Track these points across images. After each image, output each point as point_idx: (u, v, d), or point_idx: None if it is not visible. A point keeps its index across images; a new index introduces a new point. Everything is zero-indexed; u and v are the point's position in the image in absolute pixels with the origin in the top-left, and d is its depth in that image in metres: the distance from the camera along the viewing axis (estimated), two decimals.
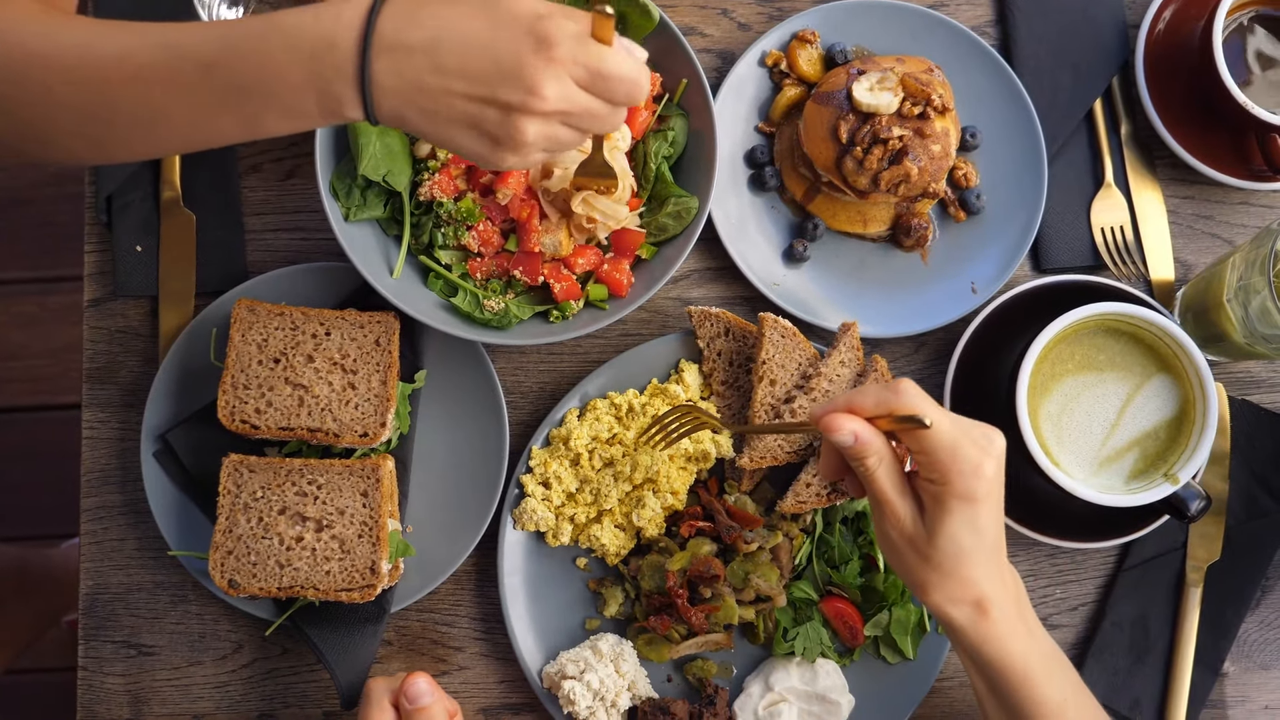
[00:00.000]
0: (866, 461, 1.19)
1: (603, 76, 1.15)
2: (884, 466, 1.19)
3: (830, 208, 1.55)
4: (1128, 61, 1.60)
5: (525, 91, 1.13)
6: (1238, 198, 1.61)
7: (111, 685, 1.51)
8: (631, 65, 1.17)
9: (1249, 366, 1.59)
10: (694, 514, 1.49)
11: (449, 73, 1.13)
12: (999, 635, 1.20)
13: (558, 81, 1.14)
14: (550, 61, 1.13)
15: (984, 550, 1.19)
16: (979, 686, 1.25)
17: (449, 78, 1.14)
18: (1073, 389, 1.46)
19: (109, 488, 1.53)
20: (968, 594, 1.19)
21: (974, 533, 1.18)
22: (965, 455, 1.16)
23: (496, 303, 1.47)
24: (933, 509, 1.18)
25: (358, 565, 1.40)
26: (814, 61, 1.57)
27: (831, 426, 1.18)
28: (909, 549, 1.20)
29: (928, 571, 1.19)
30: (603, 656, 1.45)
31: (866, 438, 1.18)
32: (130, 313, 1.56)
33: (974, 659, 1.22)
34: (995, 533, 1.20)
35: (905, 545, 1.20)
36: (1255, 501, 1.55)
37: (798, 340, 1.49)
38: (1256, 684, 1.55)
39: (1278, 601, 1.56)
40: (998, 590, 1.21)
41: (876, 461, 1.19)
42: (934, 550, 1.18)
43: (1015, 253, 1.54)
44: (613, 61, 1.16)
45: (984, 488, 1.17)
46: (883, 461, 1.19)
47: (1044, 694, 1.21)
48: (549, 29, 1.12)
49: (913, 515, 1.20)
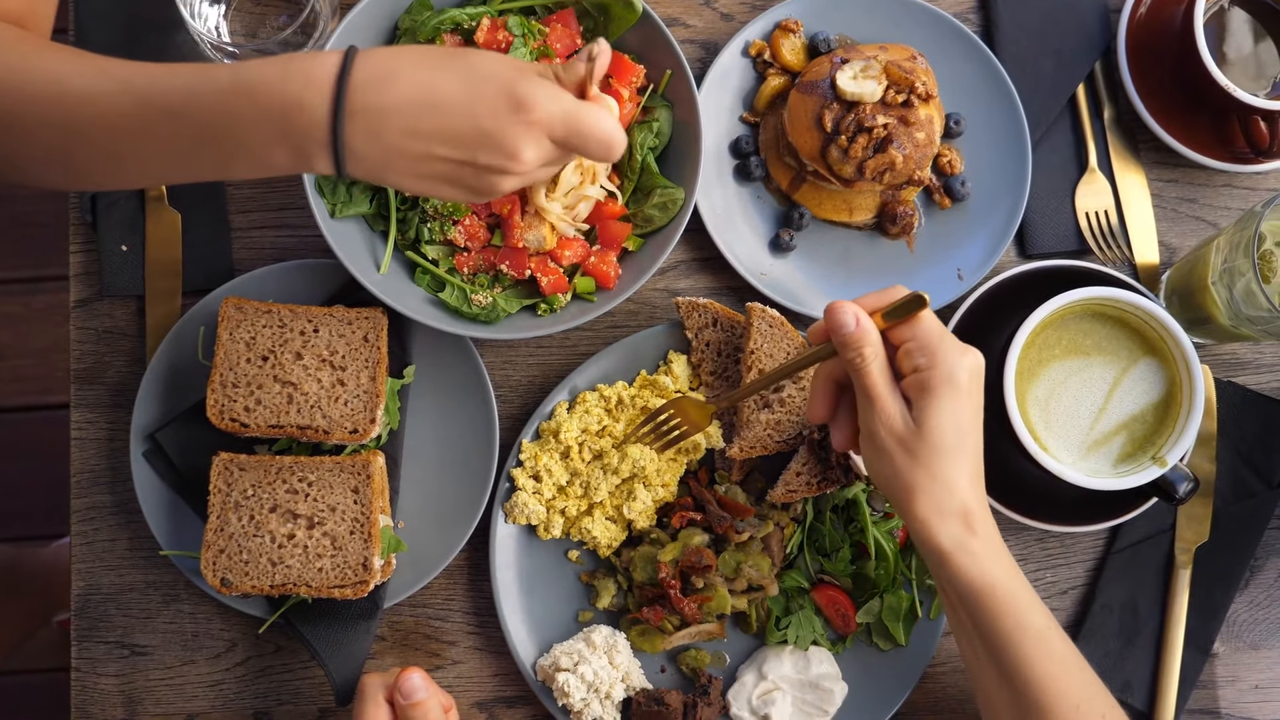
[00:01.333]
0: (864, 351, 1.21)
1: (580, 136, 1.16)
2: (878, 361, 1.22)
3: (816, 197, 1.55)
4: (1110, 46, 1.60)
5: (505, 156, 1.14)
6: (1221, 180, 1.61)
7: (105, 686, 1.51)
8: (607, 125, 1.18)
9: (1235, 348, 1.59)
10: (685, 505, 1.49)
11: (426, 137, 1.13)
12: (985, 554, 1.21)
13: (536, 145, 1.15)
14: (529, 125, 1.13)
15: (966, 456, 1.21)
16: (961, 620, 1.24)
17: (426, 142, 1.13)
18: (1060, 374, 1.46)
19: (99, 488, 1.53)
20: (954, 502, 1.21)
21: (957, 431, 1.20)
22: (951, 342, 1.22)
23: (484, 297, 1.47)
24: (920, 400, 1.21)
25: (350, 562, 1.40)
26: (797, 51, 1.57)
27: (837, 311, 1.22)
28: (898, 448, 1.21)
29: (916, 472, 1.20)
30: (596, 648, 1.46)
31: (867, 325, 1.22)
32: (117, 312, 1.55)
33: (958, 585, 1.21)
34: (976, 443, 1.23)
35: (894, 444, 1.21)
36: (1243, 483, 1.56)
37: (785, 329, 1.49)
38: (1246, 664, 1.56)
39: (1266, 581, 1.57)
40: (982, 506, 1.23)
41: (872, 353, 1.22)
42: (922, 444, 1.20)
43: (1000, 239, 1.55)
44: (589, 122, 1.16)
45: (965, 379, 1.21)
46: (877, 355, 1.22)
47: (1030, 619, 1.20)
48: (526, 92, 1.13)
49: (902, 411, 1.22)
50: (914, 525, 1.22)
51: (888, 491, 1.25)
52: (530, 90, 1.13)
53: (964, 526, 1.21)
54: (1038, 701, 1.20)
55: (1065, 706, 1.20)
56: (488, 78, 1.13)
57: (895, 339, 1.24)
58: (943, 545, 1.21)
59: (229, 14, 1.56)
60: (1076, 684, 1.21)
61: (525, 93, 1.12)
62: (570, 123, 1.15)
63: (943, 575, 1.22)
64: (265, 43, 1.51)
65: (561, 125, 1.15)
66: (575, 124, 1.15)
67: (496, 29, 1.46)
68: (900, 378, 1.25)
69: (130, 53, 1.52)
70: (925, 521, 1.21)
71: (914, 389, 1.22)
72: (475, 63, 1.14)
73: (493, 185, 1.18)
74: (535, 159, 1.15)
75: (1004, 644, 1.20)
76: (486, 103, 1.12)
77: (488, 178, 1.17)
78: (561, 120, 1.15)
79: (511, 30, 1.46)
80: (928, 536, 1.21)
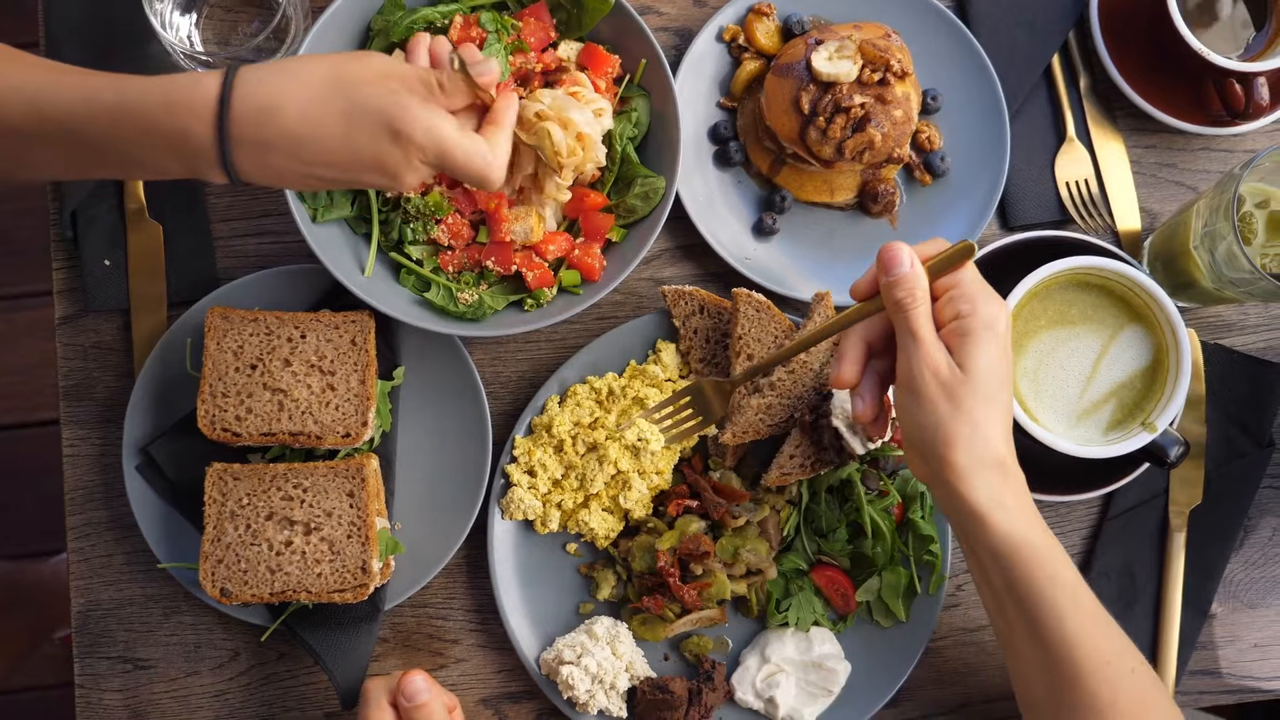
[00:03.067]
0: (916, 292, 1.19)
1: (449, 166, 1.22)
2: (926, 304, 1.20)
3: (797, 179, 1.56)
4: (1083, 15, 1.60)
5: (387, 178, 1.22)
6: (1199, 144, 1.62)
7: (110, 701, 1.51)
8: (477, 157, 1.23)
9: (1220, 311, 1.60)
10: (680, 493, 1.49)
11: (312, 163, 1.18)
12: (1019, 509, 1.19)
13: (414, 171, 1.22)
14: (406, 153, 1.20)
15: (1002, 405, 1.19)
16: (992, 579, 1.21)
17: (312, 167, 1.19)
18: (1047, 344, 1.47)
19: (93, 504, 1.53)
20: (990, 452, 1.18)
21: (998, 377, 1.18)
22: (990, 291, 1.21)
23: (470, 295, 1.47)
24: (963, 346, 1.19)
25: (348, 565, 1.40)
26: (772, 34, 1.57)
27: (892, 250, 1.20)
28: (940, 394, 1.18)
29: (957, 420, 1.17)
30: (599, 639, 1.46)
31: (919, 268, 1.20)
32: (103, 327, 1.55)
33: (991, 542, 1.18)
34: (1010, 394, 1.21)
35: (937, 390, 1.18)
36: (1232, 443, 1.57)
37: (772, 313, 1.50)
38: (1245, 623, 1.57)
39: (1261, 541, 1.58)
40: (1013, 459, 1.21)
41: (923, 295, 1.19)
42: (965, 388, 1.17)
43: (982, 212, 1.55)
44: (459, 154, 1.21)
45: (1004, 326, 1.20)
46: (926, 298, 1.20)
47: (1063, 574, 1.19)
48: (403, 125, 1.18)
49: (947, 356, 1.19)
50: (950, 476, 1.18)
51: (923, 443, 1.20)
52: (407, 126, 1.18)
53: (1001, 478, 1.19)
54: (1070, 657, 1.18)
55: (1096, 661, 1.19)
56: (368, 111, 1.17)
57: (936, 290, 1.22)
58: (979, 500, 1.17)
59: (200, 22, 1.55)
60: (1105, 638, 1.20)
61: (402, 126, 1.17)
62: (441, 157, 1.21)
63: (975, 533, 1.19)
64: (238, 49, 1.51)
65: (434, 158, 1.21)
66: (445, 160, 1.21)
67: (470, 25, 1.46)
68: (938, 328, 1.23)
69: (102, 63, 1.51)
70: (964, 473, 1.17)
71: (955, 336, 1.20)
72: (355, 93, 1.17)
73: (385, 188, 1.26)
74: (415, 180, 1.23)
75: (1037, 600, 1.18)
76: (365, 136, 1.17)
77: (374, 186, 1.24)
78: (434, 154, 1.21)
79: (485, 26, 1.46)
80: (964, 491, 1.18)
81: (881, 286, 1.21)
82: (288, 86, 1.16)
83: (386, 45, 1.49)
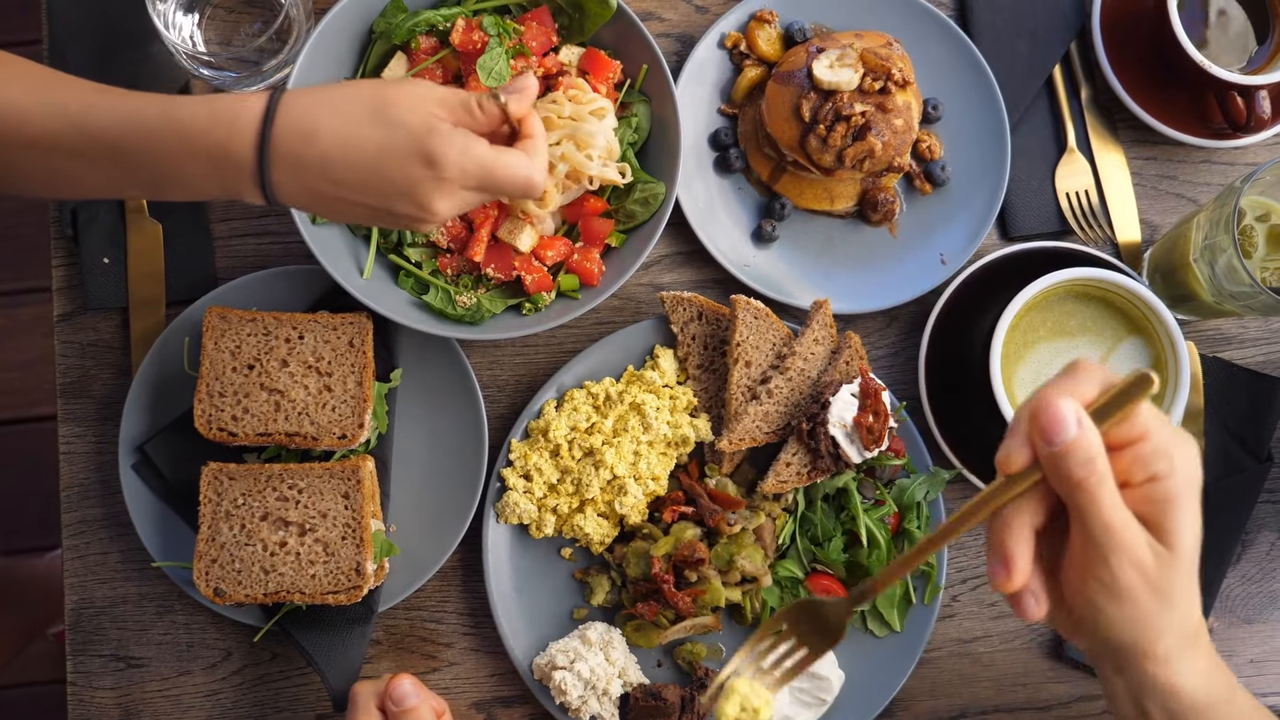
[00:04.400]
0: (1097, 465, 0.91)
1: (492, 184, 1.20)
2: (1110, 482, 0.92)
3: (797, 186, 1.55)
4: (1084, 26, 1.60)
5: (418, 207, 1.19)
6: (1199, 156, 1.62)
7: (102, 699, 1.51)
8: (519, 170, 1.20)
9: (1219, 324, 1.60)
10: (676, 499, 1.49)
11: (345, 185, 1.17)
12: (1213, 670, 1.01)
13: (449, 199, 1.19)
14: (440, 181, 1.17)
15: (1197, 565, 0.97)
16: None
17: (345, 189, 1.17)
18: (1046, 355, 1.47)
19: (89, 502, 1.52)
20: (1192, 623, 0.98)
21: (1198, 539, 0.96)
22: (1180, 433, 0.96)
23: (468, 298, 1.47)
24: (1166, 514, 0.94)
25: (342, 567, 1.40)
26: (773, 41, 1.57)
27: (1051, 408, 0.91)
28: (1145, 590, 0.94)
29: (1163, 611, 0.95)
30: (592, 645, 1.46)
31: (1091, 427, 0.91)
32: (101, 325, 1.55)
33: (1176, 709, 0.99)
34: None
35: (1141, 586, 0.94)
36: (1231, 457, 1.56)
37: (770, 321, 1.49)
38: (1241, 638, 1.57)
39: (1258, 556, 1.57)
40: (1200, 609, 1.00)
41: (1106, 468, 0.92)
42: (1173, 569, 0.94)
43: (982, 222, 1.55)
44: (500, 176, 1.19)
45: (1200, 469, 0.96)
46: (1109, 474, 0.92)
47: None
48: (437, 148, 1.16)
49: (1147, 538, 0.94)
50: (1149, 666, 0.98)
51: (1114, 639, 0.98)
52: (441, 148, 1.16)
53: (1205, 652, 1.00)
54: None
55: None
56: (403, 136, 1.16)
57: (1110, 440, 0.93)
58: (1182, 685, 0.98)
59: (203, 23, 1.55)
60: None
61: (436, 150, 1.16)
62: (483, 177, 1.19)
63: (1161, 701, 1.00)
64: (240, 50, 1.51)
65: (475, 179, 1.19)
66: (488, 178, 1.19)
67: (471, 29, 1.46)
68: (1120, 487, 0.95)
69: (105, 64, 1.53)
70: (1167, 659, 0.97)
71: (1153, 503, 0.94)
72: (392, 115, 1.16)
73: (414, 227, 1.23)
74: (449, 209, 1.20)
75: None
76: (398, 161, 1.16)
77: (407, 222, 1.22)
78: (475, 175, 1.18)
79: (486, 30, 1.46)
80: (1167, 677, 0.98)
81: (1043, 458, 0.93)
82: (328, 111, 1.16)
83: (388, 48, 1.49)
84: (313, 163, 1.15)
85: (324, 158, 1.15)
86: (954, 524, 0.98)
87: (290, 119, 1.15)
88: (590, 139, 1.44)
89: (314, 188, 1.17)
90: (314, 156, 1.15)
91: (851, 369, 1.50)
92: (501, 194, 1.22)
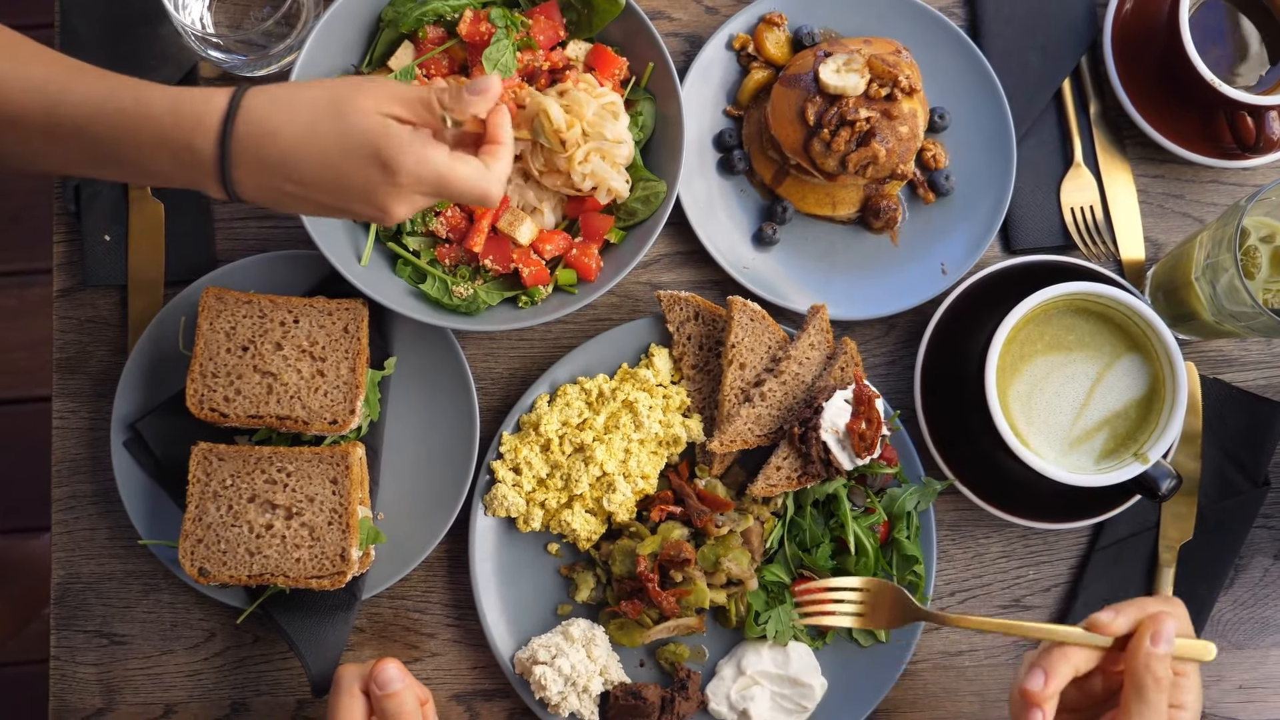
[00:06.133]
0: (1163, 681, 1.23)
1: (448, 191, 1.20)
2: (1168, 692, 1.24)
3: (799, 190, 1.55)
4: (1096, 41, 1.59)
5: (375, 209, 1.20)
6: (1208, 176, 1.61)
7: (84, 675, 1.51)
8: (475, 181, 1.20)
9: (1221, 345, 1.58)
10: (665, 498, 1.49)
11: (306, 185, 1.18)
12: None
13: (404, 203, 1.20)
14: (395, 186, 1.18)
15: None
16: None
17: (306, 189, 1.18)
18: (1042, 369, 1.46)
19: (79, 477, 1.53)
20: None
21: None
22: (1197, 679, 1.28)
23: (465, 289, 1.47)
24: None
25: (327, 552, 1.40)
26: (781, 44, 1.57)
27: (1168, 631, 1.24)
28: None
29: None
30: (574, 641, 1.45)
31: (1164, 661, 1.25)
32: (100, 302, 1.55)
33: None
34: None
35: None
36: (1227, 480, 1.55)
37: (767, 323, 1.49)
38: (1231, 664, 1.55)
39: (1252, 581, 1.56)
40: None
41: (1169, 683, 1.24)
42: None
43: (985, 233, 1.54)
44: (455, 180, 1.20)
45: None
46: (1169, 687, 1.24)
47: None
48: (393, 156, 1.16)
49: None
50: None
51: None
52: (396, 156, 1.16)
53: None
54: None
55: None
56: (358, 141, 1.16)
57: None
58: None
59: (213, 5, 1.56)
60: None
61: (391, 159, 1.16)
62: (438, 184, 1.19)
63: None
64: (249, 34, 1.51)
65: (430, 186, 1.20)
66: (442, 186, 1.20)
67: (479, 21, 1.46)
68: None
69: (115, 45, 1.54)
70: None
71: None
72: (351, 119, 1.17)
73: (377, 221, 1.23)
74: (406, 212, 1.21)
75: None
76: (355, 164, 1.17)
77: (368, 219, 1.23)
78: (430, 183, 1.19)
79: (494, 22, 1.46)
80: None
81: (1141, 654, 1.23)
82: (288, 112, 1.17)
83: (396, 36, 1.49)
84: (273, 162, 1.16)
85: (283, 157, 1.16)
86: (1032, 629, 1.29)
87: (252, 118, 1.16)
88: (615, 151, 1.44)
89: (274, 186, 1.18)
90: (274, 156, 1.16)
91: (846, 375, 1.49)
92: (457, 200, 1.22)
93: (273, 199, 1.20)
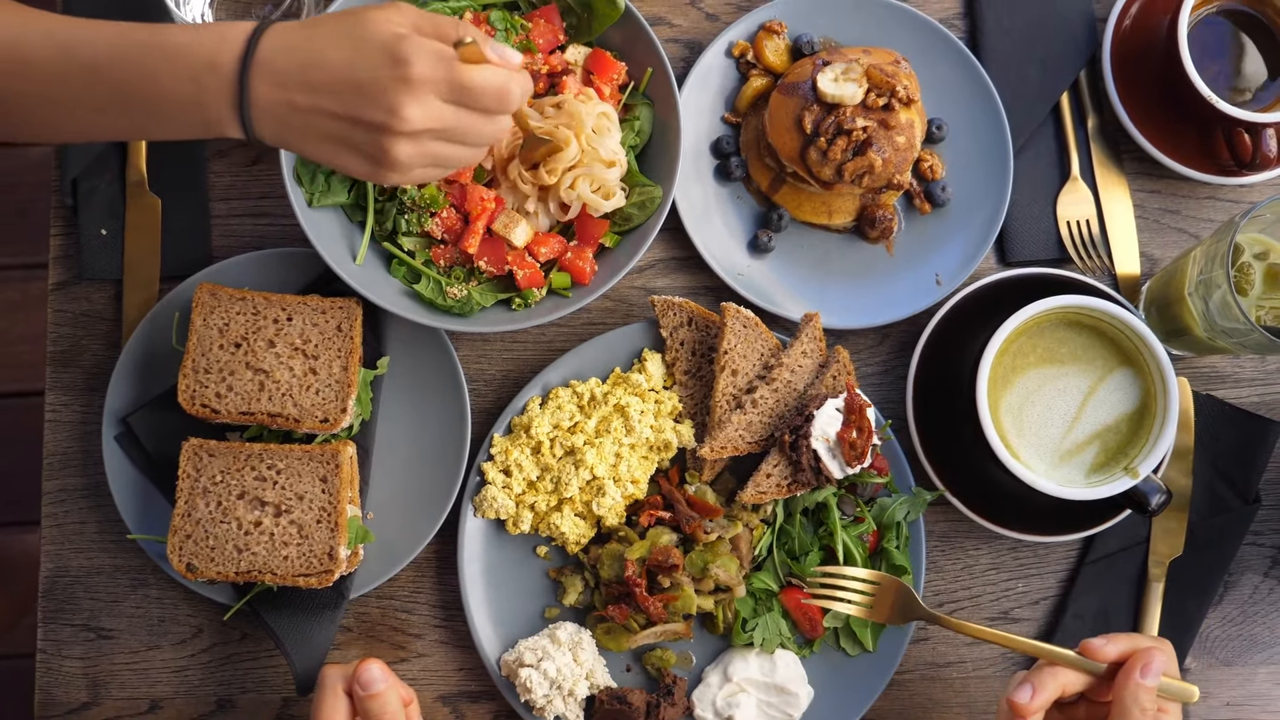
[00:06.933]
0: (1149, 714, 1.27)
1: (465, 89, 1.18)
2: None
3: (795, 198, 1.55)
4: (1095, 55, 1.60)
5: (386, 112, 1.16)
6: (1204, 192, 1.60)
7: (70, 668, 1.51)
8: (494, 75, 1.19)
9: (1214, 361, 1.58)
10: (654, 503, 1.48)
11: (318, 90, 1.17)
12: None
13: (419, 103, 1.16)
14: (408, 82, 1.15)
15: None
16: None
17: (318, 95, 1.17)
18: (1034, 382, 1.45)
19: (70, 471, 1.53)
20: None
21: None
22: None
23: (459, 290, 1.47)
24: None
25: (316, 551, 1.40)
26: (781, 52, 1.57)
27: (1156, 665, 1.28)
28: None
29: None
30: (561, 645, 1.45)
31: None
32: (95, 296, 1.56)
33: None
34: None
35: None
36: (1218, 497, 1.55)
37: (760, 330, 1.49)
38: (1218, 680, 1.55)
39: (1240, 598, 1.55)
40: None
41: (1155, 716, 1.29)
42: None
43: (980, 245, 1.54)
44: (472, 74, 1.17)
45: None
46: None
47: None
48: (406, 50, 1.15)
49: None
50: None
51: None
52: (410, 49, 1.15)
53: None
54: None
55: None
56: (374, 40, 1.16)
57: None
58: None
59: (215, 4, 1.56)
60: None
61: (403, 51, 1.15)
62: (453, 78, 1.17)
63: None
64: None
65: (444, 82, 1.17)
66: (458, 79, 1.17)
67: (479, 23, 1.46)
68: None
69: None
70: None
71: None
72: (365, 19, 1.17)
73: (383, 149, 1.18)
74: (420, 116, 1.17)
75: None
76: (366, 59, 1.15)
77: (378, 141, 1.18)
78: (444, 76, 1.16)
79: (494, 24, 1.46)
80: None
81: (1131, 683, 1.27)
82: (310, 28, 1.19)
83: None
84: (291, 71, 1.16)
85: (301, 63, 1.16)
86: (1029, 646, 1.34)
87: (274, 36, 1.17)
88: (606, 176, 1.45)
89: (289, 99, 1.17)
90: (293, 63, 1.16)
91: (838, 384, 1.49)
92: (474, 102, 1.19)
93: (281, 119, 1.18)
